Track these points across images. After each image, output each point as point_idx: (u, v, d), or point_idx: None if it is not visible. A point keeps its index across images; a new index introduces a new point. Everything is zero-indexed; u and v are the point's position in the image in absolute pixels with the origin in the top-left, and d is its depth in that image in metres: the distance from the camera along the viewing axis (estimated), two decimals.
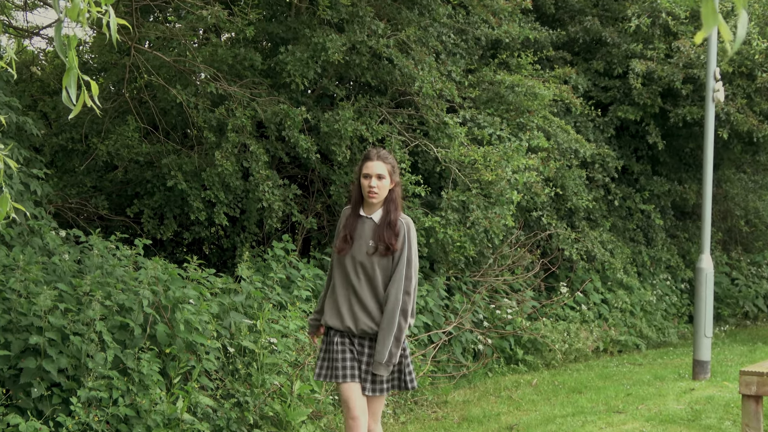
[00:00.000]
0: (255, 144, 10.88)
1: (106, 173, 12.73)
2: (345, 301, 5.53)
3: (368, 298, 5.47)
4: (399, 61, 11.40)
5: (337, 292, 5.59)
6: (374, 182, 5.48)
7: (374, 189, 5.47)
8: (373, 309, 5.47)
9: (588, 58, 16.40)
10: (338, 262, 5.62)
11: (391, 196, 5.55)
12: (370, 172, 5.50)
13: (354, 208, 5.65)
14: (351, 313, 5.50)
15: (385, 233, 5.44)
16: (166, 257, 11.42)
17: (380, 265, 5.47)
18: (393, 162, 5.58)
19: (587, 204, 13.98)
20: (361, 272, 5.49)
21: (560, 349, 12.36)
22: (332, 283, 5.68)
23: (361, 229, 5.55)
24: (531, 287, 13.50)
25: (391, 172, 5.53)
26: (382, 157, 5.51)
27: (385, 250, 5.44)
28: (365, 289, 5.48)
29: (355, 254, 5.51)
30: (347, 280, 5.54)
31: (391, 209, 5.52)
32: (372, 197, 5.49)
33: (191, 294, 7.90)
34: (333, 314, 5.59)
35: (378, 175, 5.48)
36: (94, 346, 6.88)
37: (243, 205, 11.65)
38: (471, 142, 12.08)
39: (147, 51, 11.62)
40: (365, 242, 5.50)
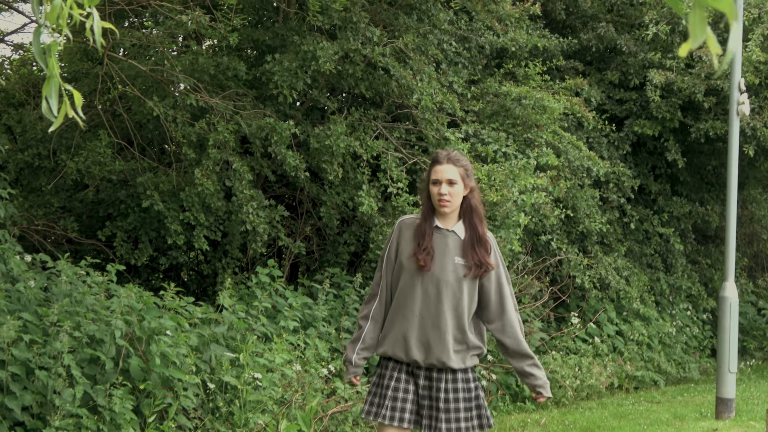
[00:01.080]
0: (238, 161, 10.89)
1: (75, 193, 12.74)
2: (417, 328, 5.08)
3: (450, 326, 5.07)
4: (396, 71, 11.43)
5: (404, 317, 5.12)
6: (445, 188, 5.09)
7: (445, 196, 5.08)
8: (452, 339, 5.08)
9: (602, 68, 16.46)
10: (410, 281, 5.12)
11: (469, 205, 5.20)
12: (440, 177, 5.11)
13: (427, 219, 5.20)
14: (422, 343, 5.07)
15: (477, 250, 5.11)
16: (140, 284, 11.41)
17: (468, 289, 5.11)
18: (466, 164, 5.21)
19: (601, 227, 13.99)
20: (445, 295, 5.06)
21: (571, 385, 12.35)
22: (393, 306, 5.20)
23: (441, 244, 5.14)
24: (539, 318, 13.49)
25: (464, 177, 5.16)
26: (452, 159, 5.15)
27: (478, 271, 5.09)
28: (449, 316, 5.07)
29: (439, 273, 5.07)
30: (423, 303, 5.08)
31: (476, 222, 5.18)
32: (444, 206, 5.10)
33: (168, 324, 7.90)
34: (397, 343, 5.13)
35: (449, 180, 5.10)
36: (61, 381, 6.87)
37: (225, 228, 11.66)
38: (474, 160, 12.10)
39: (121, 59, 11.65)
40: (450, 259, 5.10)
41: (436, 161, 5.16)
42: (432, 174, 5.16)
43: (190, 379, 7.69)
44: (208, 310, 9.11)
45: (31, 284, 8.10)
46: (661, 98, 15.07)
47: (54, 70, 3.08)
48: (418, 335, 5.07)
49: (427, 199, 5.21)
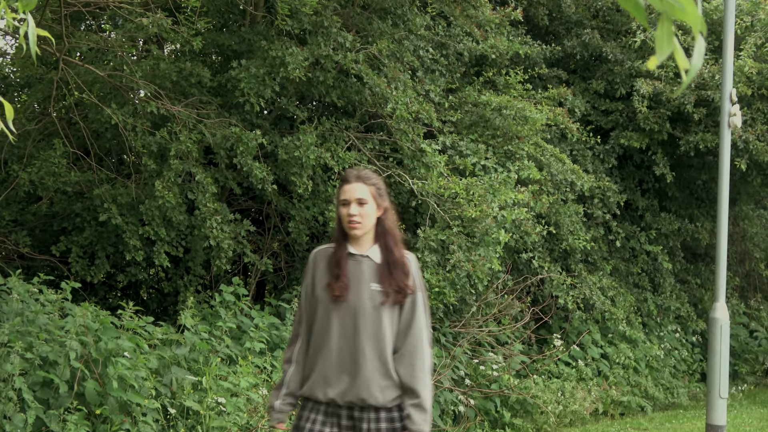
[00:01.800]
0: (202, 172, 10.89)
1: (28, 205, 12.70)
2: (334, 364, 4.86)
3: (370, 359, 4.82)
4: (369, 79, 11.46)
5: (322, 353, 4.91)
6: (354, 209, 4.89)
7: (355, 218, 4.88)
8: (373, 373, 4.82)
9: (586, 76, 16.55)
10: (326, 314, 4.92)
11: (383, 227, 5.00)
12: (349, 197, 4.92)
13: (338, 246, 5.00)
14: (342, 380, 4.83)
15: (394, 275, 4.87)
16: (97, 303, 11.39)
17: (389, 317, 4.87)
18: (377, 183, 5.03)
19: (585, 244, 14.05)
20: (363, 326, 4.83)
21: (553, 411, 12.39)
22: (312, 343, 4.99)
23: (356, 271, 4.92)
24: (520, 340, 13.54)
25: (376, 196, 4.97)
26: (362, 177, 4.97)
27: (397, 297, 4.85)
28: (368, 347, 4.83)
29: (354, 302, 4.86)
30: (341, 336, 4.86)
31: (391, 244, 4.96)
32: (354, 228, 4.89)
33: (126, 346, 7.89)
34: (316, 383, 4.91)
35: (358, 200, 4.90)
36: (12, 405, 6.85)
37: (187, 244, 11.65)
38: (452, 173, 12.15)
39: (78, 64, 11.63)
40: (366, 287, 4.87)
41: (345, 180, 5.01)
42: (341, 194, 4.99)
43: (150, 403, 7.68)
44: (168, 331, 9.10)
45: None
46: (648, 109, 15.16)
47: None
48: (336, 371, 4.86)
49: (338, 223, 5.03)
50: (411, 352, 4.86)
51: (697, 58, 1.98)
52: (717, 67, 14.34)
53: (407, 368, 4.84)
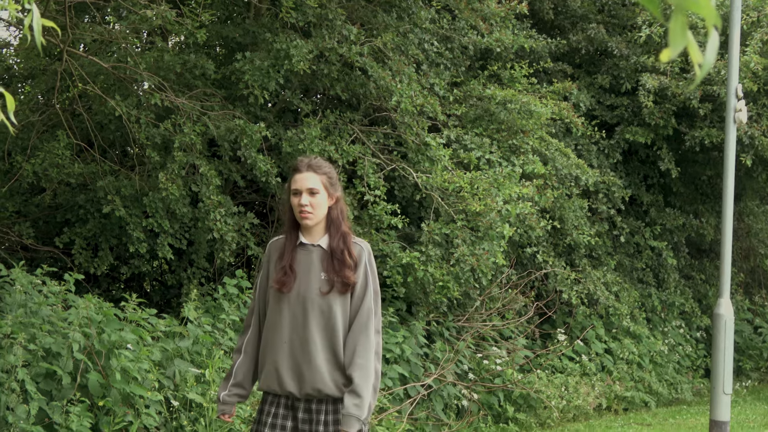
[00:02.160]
0: (206, 165, 10.89)
1: (31, 197, 12.69)
2: (287, 356, 4.85)
3: (321, 348, 4.82)
4: (374, 72, 11.45)
5: (273, 345, 4.90)
6: (305, 199, 4.88)
7: (306, 207, 4.88)
8: (325, 363, 4.82)
9: (592, 71, 16.54)
10: (277, 305, 4.92)
11: (331, 216, 4.99)
12: (299, 186, 4.91)
13: (290, 235, 5.02)
14: (295, 372, 4.83)
15: (335, 264, 4.87)
16: (100, 295, 11.38)
17: (340, 305, 4.85)
18: (329, 171, 5.00)
19: (589, 239, 14.04)
20: (312, 315, 4.83)
21: (557, 406, 12.39)
22: (264, 334, 5.00)
23: (306, 260, 4.93)
24: (524, 334, 13.53)
25: (327, 185, 4.95)
26: (313, 166, 4.94)
27: (342, 286, 4.83)
28: (318, 337, 4.82)
29: (303, 292, 4.86)
30: (291, 327, 4.86)
31: (333, 233, 4.96)
32: (305, 218, 4.89)
33: (129, 338, 7.89)
34: (270, 375, 4.90)
35: (309, 189, 4.89)
36: (15, 397, 6.85)
37: (191, 236, 11.64)
38: (456, 167, 12.14)
39: (81, 55, 11.62)
40: (315, 276, 4.88)
41: (296, 169, 4.98)
42: (292, 184, 4.97)
43: (153, 396, 7.68)
44: (172, 323, 9.09)
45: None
46: (654, 104, 15.14)
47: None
48: (290, 363, 4.85)
49: (289, 212, 5.02)
50: (353, 338, 4.84)
51: (711, 53, 1.92)
52: (723, 62, 14.30)
53: (348, 355, 4.82)
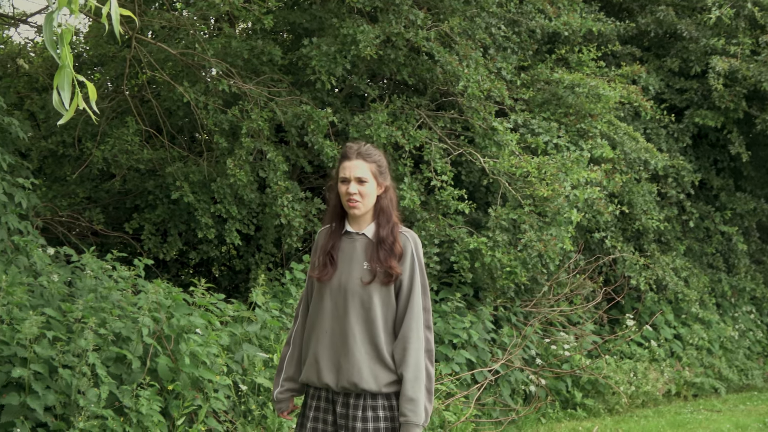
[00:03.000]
0: (273, 151, 10.92)
1: (101, 182, 12.82)
2: (327, 347, 4.70)
3: (360, 341, 4.64)
4: (441, 57, 11.41)
5: (315, 335, 4.76)
6: (354, 187, 4.70)
7: (354, 196, 4.71)
8: (364, 356, 4.63)
9: (661, 54, 16.36)
10: (319, 294, 4.79)
11: (380, 205, 4.80)
12: (348, 174, 4.72)
13: (335, 224, 4.89)
14: (333, 363, 4.67)
15: (380, 254, 4.69)
16: (169, 280, 11.47)
17: (380, 297, 4.67)
18: (379, 159, 4.82)
19: (658, 224, 13.91)
20: (352, 306, 4.67)
21: (625, 392, 12.31)
22: (308, 324, 4.87)
23: (349, 249, 4.79)
24: (592, 320, 13.45)
25: (377, 174, 4.77)
26: (363, 154, 4.76)
27: (385, 277, 4.65)
28: (357, 328, 4.64)
29: (345, 281, 4.72)
30: (332, 317, 4.72)
31: (382, 222, 4.77)
32: (352, 207, 4.72)
33: (198, 322, 7.94)
34: (310, 367, 4.75)
35: (358, 178, 4.70)
36: (85, 380, 6.92)
37: (258, 222, 11.70)
38: (523, 151, 12.07)
39: (150, 42, 11.70)
40: (358, 265, 4.72)
41: (345, 156, 4.79)
42: (340, 171, 4.79)
43: (221, 380, 7.73)
44: (240, 308, 9.14)
45: (55, 278, 8.16)
46: (724, 87, 14.94)
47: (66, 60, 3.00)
48: (329, 354, 4.69)
49: (336, 200, 4.85)
50: (403, 336, 4.64)
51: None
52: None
53: (399, 354, 4.63)
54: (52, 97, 3.02)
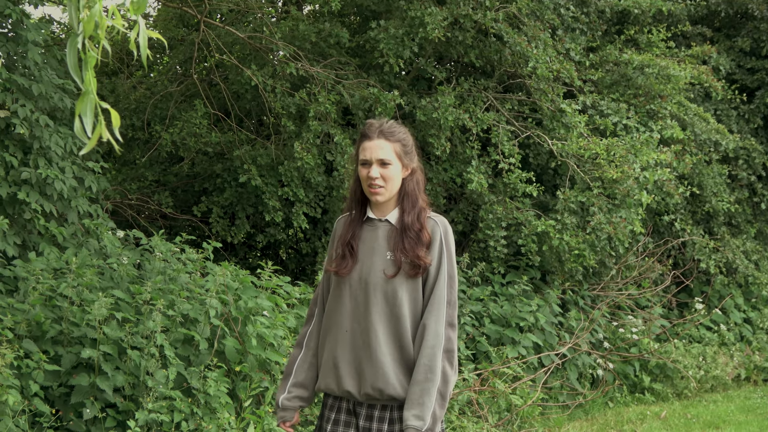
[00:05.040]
0: (340, 134, 10.92)
1: (170, 166, 12.91)
2: (347, 348, 4.16)
3: (385, 341, 4.10)
4: (509, 38, 11.34)
5: (333, 336, 4.22)
6: (375, 171, 4.14)
7: (376, 181, 4.14)
8: (389, 359, 4.09)
9: (731, 34, 16.15)
10: (337, 289, 4.25)
11: (406, 189, 4.24)
12: (369, 156, 4.16)
13: (355, 212, 4.33)
14: (354, 367, 4.13)
15: (406, 243, 4.13)
16: (237, 263, 11.54)
17: (407, 291, 4.13)
18: (404, 138, 4.24)
19: (729, 207, 13.74)
20: (375, 302, 4.13)
21: (694, 376, 12.19)
22: (324, 324, 4.32)
23: (370, 238, 4.24)
24: (660, 303, 13.33)
25: (402, 154, 4.19)
26: (385, 132, 4.18)
27: (411, 269, 4.10)
28: (381, 327, 4.10)
29: (366, 274, 4.17)
30: (353, 315, 4.17)
31: (406, 206, 4.21)
32: (374, 193, 4.17)
33: (265, 305, 7.96)
34: (328, 372, 4.21)
35: (380, 160, 4.14)
36: (154, 362, 6.96)
37: (325, 204, 11.71)
38: (592, 133, 11.98)
39: (218, 26, 11.75)
40: (380, 256, 4.18)
41: (364, 136, 4.22)
42: (360, 153, 4.22)
43: None
44: (306, 291, 9.16)
45: (124, 261, 8.23)
46: None
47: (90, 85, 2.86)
48: (350, 357, 4.14)
49: (356, 184, 4.30)
50: (420, 331, 4.09)
51: None
52: None
53: (416, 351, 4.08)
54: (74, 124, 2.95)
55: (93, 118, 2.93)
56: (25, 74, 8.62)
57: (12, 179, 8.14)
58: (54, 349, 6.91)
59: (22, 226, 8.40)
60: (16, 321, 6.78)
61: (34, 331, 6.97)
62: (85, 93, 2.90)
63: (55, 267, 7.74)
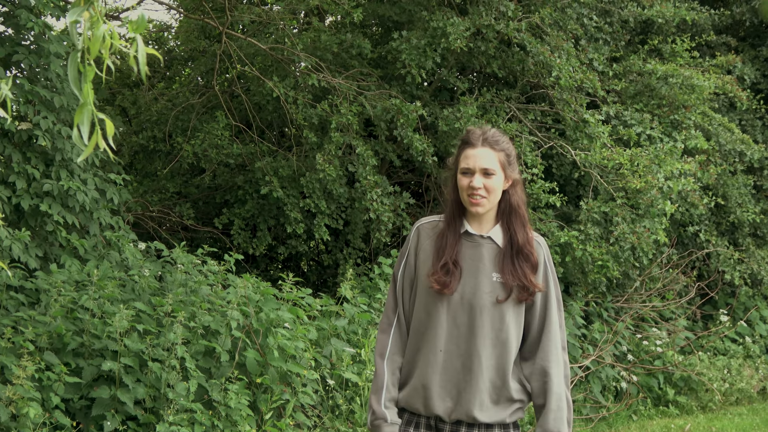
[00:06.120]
0: (362, 145, 10.94)
1: (191, 177, 12.95)
2: (439, 370, 3.94)
3: (488, 368, 3.92)
4: (532, 48, 11.33)
5: (423, 354, 3.98)
6: (478, 181, 3.89)
7: (478, 192, 3.90)
8: (491, 387, 3.94)
9: (756, 44, 16.10)
10: (433, 306, 3.98)
11: (508, 203, 4.03)
12: (472, 165, 3.91)
13: (452, 222, 4.04)
14: (448, 392, 3.93)
15: (518, 266, 3.95)
16: (258, 274, 11.56)
17: (514, 316, 3.96)
18: (508, 147, 4.01)
19: (754, 217, 13.69)
20: (481, 326, 3.91)
21: (719, 389, 12.13)
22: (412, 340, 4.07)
23: (473, 255, 3.99)
24: (685, 315, 13.28)
25: (505, 165, 3.96)
26: (490, 141, 3.95)
27: (521, 293, 3.93)
28: (486, 354, 3.91)
29: (470, 295, 3.93)
30: (450, 336, 3.94)
31: (516, 226, 4.01)
32: (476, 204, 3.92)
33: (286, 317, 7.97)
34: (414, 392, 3.99)
35: (484, 170, 3.90)
36: (175, 374, 6.98)
37: (347, 216, 11.73)
38: (615, 144, 11.96)
39: (240, 37, 11.79)
40: (486, 277, 3.95)
41: (467, 143, 3.98)
42: (461, 161, 3.97)
43: (309, 374, 7.75)
44: (328, 303, 9.17)
45: (145, 273, 8.27)
46: None
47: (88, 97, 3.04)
48: (442, 380, 3.92)
49: (454, 194, 4.03)
50: (543, 362, 3.97)
51: None
52: None
53: (538, 383, 3.97)
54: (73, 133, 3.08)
55: (90, 127, 3.07)
56: (47, 86, 8.68)
57: (34, 191, 8.19)
58: (75, 362, 6.95)
59: (44, 239, 8.45)
60: (38, 333, 6.81)
61: (55, 344, 7.00)
62: (83, 104, 3.07)
63: (77, 279, 7.78)
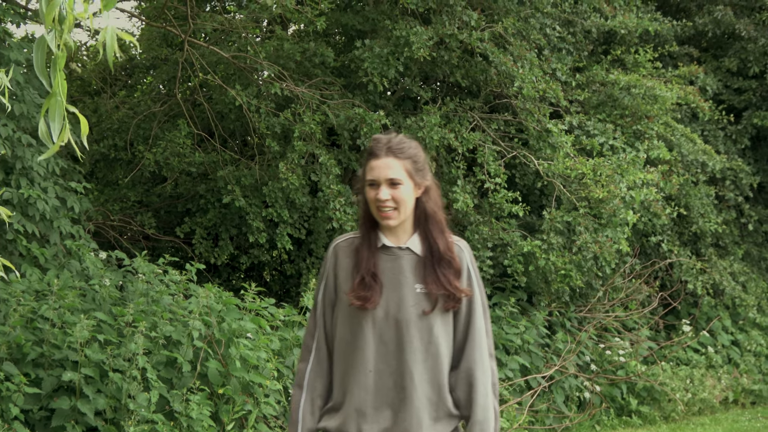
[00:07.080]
0: (325, 154, 10.94)
1: (153, 186, 12.91)
2: (371, 392, 3.75)
3: (421, 384, 3.74)
4: (495, 58, 11.37)
5: (353, 376, 3.78)
6: (385, 192, 3.72)
7: (386, 204, 3.72)
8: (425, 403, 3.75)
9: (719, 54, 16.23)
10: (357, 325, 3.79)
11: (424, 210, 3.86)
12: (376, 176, 3.74)
13: (366, 236, 3.86)
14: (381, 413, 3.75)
15: (440, 273, 3.76)
16: (220, 284, 11.52)
17: (442, 327, 3.78)
18: (415, 154, 3.81)
19: (716, 228, 13.78)
20: (409, 341, 3.73)
21: (682, 399, 12.20)
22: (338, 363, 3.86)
23: (393, 269, 3.81)
24: (647, 325, 13.35)
25: (413, 172, 3.78)
26: (394, 150, 3.76)
27: (447, 302, 3.76)
28: (419, 369, 3.73)
29: (394, 310, 3.75)
30: (378, 355, 3.76)
31: (435, 233, 3.83)
32: (385, 216, 3.75)
33: (249, 327, 7.96)
34: (347, 415, 3.79)
35: (390, 180, 3.72)
36: (136, 384, 6.95)
37: (310, 226, 11.71)
38: (578, 153, 12.01)
39: (202, 45, 11.77)
40: (409, 289, 3.77)
41: (371, 154, 3.78)
42: (367, 172, 3.78)
43: (272, 384, 7.74)
44: (291, 312, 9.15)
45: (106, 282, 8.22)
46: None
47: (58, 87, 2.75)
48: (375, 401, 3.74)
49: (365, 207, 3.84)
50: (467, 370, 3.79)
51: None
52: None
53: (463, 392, 3.79)
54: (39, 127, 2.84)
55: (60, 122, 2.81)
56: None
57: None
58: (35, 372, 6.90)
59: (3, 247, 8.39)
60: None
61: (14, 354, 6.95)
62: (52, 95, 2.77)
63: (37, 288, 7.73)
